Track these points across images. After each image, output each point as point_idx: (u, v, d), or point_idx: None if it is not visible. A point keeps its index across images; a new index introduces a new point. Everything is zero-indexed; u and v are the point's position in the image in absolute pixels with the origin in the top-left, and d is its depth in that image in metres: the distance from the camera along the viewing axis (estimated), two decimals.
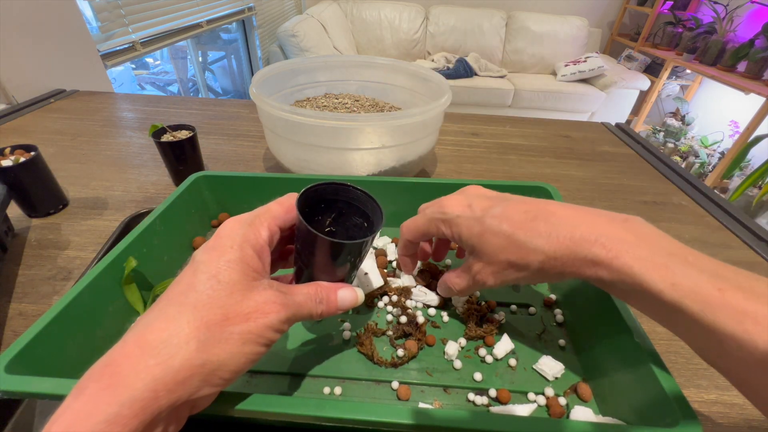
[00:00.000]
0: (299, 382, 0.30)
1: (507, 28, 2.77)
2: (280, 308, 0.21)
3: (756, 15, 2.31)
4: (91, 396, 0.16)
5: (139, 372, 0.17)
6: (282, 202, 0.25)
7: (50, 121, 0.77)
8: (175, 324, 0.18)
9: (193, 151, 0.56)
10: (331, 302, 0.24)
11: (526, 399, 0.29)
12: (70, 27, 0.98)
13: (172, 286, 0.20)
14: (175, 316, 0.19)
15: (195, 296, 0.19)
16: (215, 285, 0.19)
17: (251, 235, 0.22)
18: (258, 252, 0.22)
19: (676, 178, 0.68)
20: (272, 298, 0.21)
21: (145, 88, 2.22)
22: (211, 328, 0.18)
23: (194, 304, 0.19)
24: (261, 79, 0.56)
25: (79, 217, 0.50)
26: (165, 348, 0.17)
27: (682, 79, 2.79)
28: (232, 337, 0.19)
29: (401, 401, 0.29)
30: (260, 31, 2.30)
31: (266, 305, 0.20)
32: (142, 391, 0.16)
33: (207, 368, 0.18)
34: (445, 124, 0.55)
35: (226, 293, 0.19)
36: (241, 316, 0.19)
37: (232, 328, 0.19)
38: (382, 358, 0.31)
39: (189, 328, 0.18)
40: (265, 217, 0.23)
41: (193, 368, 0.18)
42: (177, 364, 0.17)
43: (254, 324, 0.20)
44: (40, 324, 0.25)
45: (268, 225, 0.23)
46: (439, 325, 0.35)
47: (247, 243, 0.21)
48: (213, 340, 0.18)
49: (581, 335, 0.33)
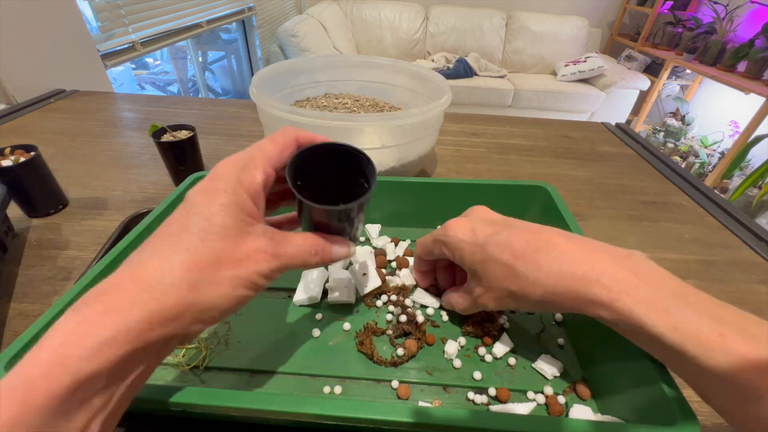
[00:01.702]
0: (299, 382, 0.30)
1: (507, 28, 2.77)
2: (270, 258, 0.21)
3: (756, 15, 2.31)
4: (86, 317, 0.17)
5: (134, 303, 0.17)
6: (276, 140, 0.24)
7: (50, 121, 0.77)
8: (168, 264, 0.18)
9: (193, 151, 0.56)
10: (326, 254, 0.25)
11: (525, 398, 0.29)
12: (70, 27, 0.98)
13: (165, 224, 0.20)
14: (168, 256, 0.19)
15: (188, 237, 0.19)
16: (208, 228, 0.20)
17: (246, 178, 0.21)
18: (252, 196, 0.21)
19: (676, 178, 0.68)
20: (264, 247, 0.21)
21: (145, 88, 2.22)
22: (203, 270, 0.19)
23: (187, 246, 0.19)
24: (261, 79, 0.56)
25: (79, 217, 0.50)
26: (159, 286, 0.18)
27: (682, 79, 2.79)
28: (224, 281, 0.19)
29: (401, 400, 0.29)
30: (260, 31, 2.30)
31: (257, 253, 0.21)
32: (138, 321, 0.17)
33: (198, 307, 0.19)
34: (445, 124, 0.55)
35: (218, 237, 0.20)
36: (232, 261, 0.20)
37: (224, 272, 0.19)
38: (382, 358, 0.31)
39: (181, 268, 0.18)
40: (259, 158, 0.23)
41: (186, 306, 0.18)
42: (170, 302, 0.18)
43: (245, 270, 0.20)
44: (40, 323, 0.25)
45: (263, 167, 0.22)
46: (438, 324, 0.35)
47: (241, 186, 0.21)
48: (205, 281, 0.19)
49: (580, 334, 0.33)
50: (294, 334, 0.33)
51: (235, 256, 0.20)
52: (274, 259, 0.21)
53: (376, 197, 0.43)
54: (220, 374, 0.30)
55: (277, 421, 0.27)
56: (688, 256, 0.51)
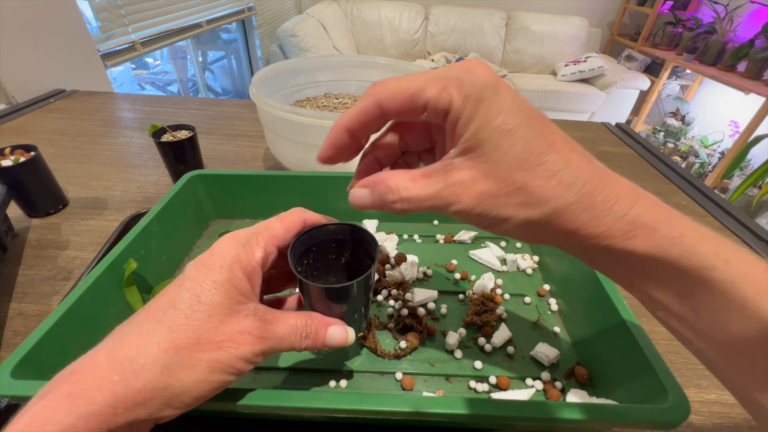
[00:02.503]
0: (305, 377, 0.30)
1: (507, 28, 2.77)
2: (255, 340, 0.20)
3: (756, 15, 2.31)
4: (51, 401, 0.16)
5: (101, 387, 0.17)
6: (283, 219, 0.23)
7: (50, 121, 0.77)
8: (146, 342, 0.18)
9: (193, 151, 0.56)
10: (318, 338, 0.23)
11: (524, 384, 0.30)
12: (70, 27, 0.98)
13: (158, 296, 0.20)
14: (148, 334, 0.18)
15: (173, 314, 0.19)
16: (195, 305, 0.19)
17: (243, 255, 0.21)
18: (248, 274, 0.21)
19: (676, 178, 0.68)
20: (249, 329, 0.20)
21: (145, 88, 2.22)
22: (179, 352, 0.18)
23: (170, 324, 0.19)
24: (261, 79, 0.56)
25: (78, 217, 0.50)
26: (131, 366, 0.17)
27: (682, 79, 2.79)
28: (200, 364, 0.18)
29: (406, 391, 0.30)
30: (260, 31, 2.30)
31: (241, 335, 0.20)
32: (102, 406, 0.16)
33: (169, 392, 0.18)
34: None
35: (204, 316, 0.19)
36: (212, 343, 0.19)
37: (201, 354, 0.19)
38: (385, 351, 0.32)
39: (158, 348, 0.18)
40: (263, 236, 0.22)
41: (155, 390, 0.17)
42: (139, 385, 0.17)
43: (224, 353, 0.19)
44: (43, 328, 0.25)
45: (264, 245, 0.22)
46: (438, 317, 0.35)
47: (237, 264, 0.21)
48: (179, 364, 0.18)
49: (575, 322, 0.34)
50: None
51: (217, 338, 0.19)
52: (258, 342, 0.20)
53: None
54: None
55: (283, 416, 0.28)
56: None
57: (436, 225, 0.46)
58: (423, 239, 0.45)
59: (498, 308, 0.35)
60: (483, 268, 0.41)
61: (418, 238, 0.44)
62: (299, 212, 0.24)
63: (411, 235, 0.45)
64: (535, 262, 0.41)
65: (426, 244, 0.44)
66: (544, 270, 0.40)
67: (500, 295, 0.37)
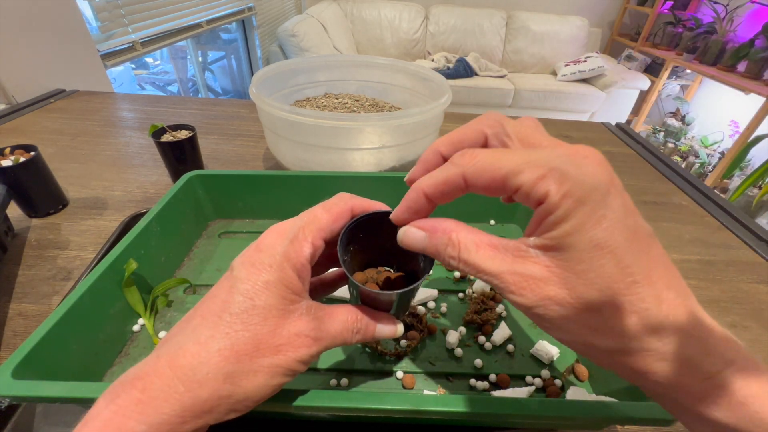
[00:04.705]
0: (306, 376, 0.31)
1: (507, 27, 2.77)
2: (311, 342, 0.20)
3: (756, 15, 2.31)
4: (121, 407, 0.17)
5: (168, 397, 0.17)
6: (330, 209, 0.22)
7: (50, 121, 0.77)
8: (206, 351, 0.18)
9: (193, 151, 0.56)
10: (368, 332, 0.23)
11: (524, 382, 0.31)
12: (70, 27, 0.98)
13: (208, 298, 0.20)
14: (207, 342, 0.18)
15: (229, 319, 0.19)
16: (250, 309, 0.19)
17: (292, 252, 0.20)
18: (298, 271, 0.20)
19: (676, 178, 0.68)
20: (305, 331, 0.20)
21: (145, 88, 2.22)
22: (240, 359, 0.18)
23: (227, 330, 0.19)
24: (261, 79, 0.56)
25: (78, 217, 0.50)
26: (194, 375, 0.18)
27: (682, 79, 2.79)
28: (262, 370, 0.19)
29: (407, 390, 0.30)
30: (260, 31, 2.30)
31: (298, 338, 0.20)
32: (170, 416, 0.17)
33: (233, 398, 0.18)
34: (445, 124, 0.55)
35: (260, 319, 0.19)
36: (272, 348, 0.19)
37: (261, 360, 0.19)
38: (385, 350, 0.32)
39: (219, 357, 0.18)
40: (310, 229, 0.21)
41: (221, 399, 0.18)
42: (205, 395, 0.17)
43: (284, 357, 0.19)
44: (43, 328, 0.25)
45: (312, 239, 0.21)
46: (438, 315, 0.36)
47: (287, 262, 0.20)
48: (241, 372, 0.18)
49: None
50: None
51: (275, 342, 0.19)
52: (314, 343, 0.20)
53: (373, 193, 0.43)
54: None
55: (284, 415, 0.28)
56: (689, 256, 0.51)
57: None
58: None
59: (498, 306, 0.35)
60: None
61: None
62: (346, 198, 0.23)
63: None
64: None
65: None
66: None
67: (500, 294, 0.37)
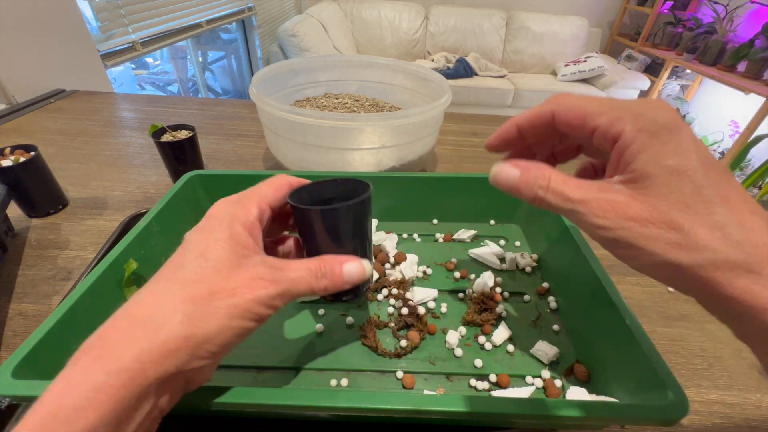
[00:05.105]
0: (306, 376, 0.31)
1: (507, 28, 2.77)
2: (268, 284, 0.20)
3: (756, 15, 2.31)
4: (82, 366, 0.17)
5: (126, 344, 0.17)
6: (270, 182, 0.25)
7: (50, 121, 0.77)
8: (162, 299, 0.19)
9: (193, 151, 0.56)
10: (335, 275, 0.23)
11: (524, 382, 0.30)
12: (70, 27, 0.98)
13: (164, 266, 0.21)
14: (162, 291, 0.19)
15: (183, 273, 0.20)
16: (203, 263, 0.20)
17: (240, 212, 0.22)
18: (248, 228, 0.22)
19: None
20: (261, 274, 0.21)
21: (145, 88, 2.22)
22: (197, 303, 0.19)
23: (181, 280, 0.19)
24: (261, 79, 0.56)
25: (78, 217, 0.50)
26: (151, 321, 0.18)
27: (682, 79, 2.79)
28: (218, 311, 0.19)
29: (406, 390, 0.30)
30: (260, 31, 2.30)
31: (253, 281, 0.20)
32: (129, 362, 0.17)
33: (193, 341, 0.18)
34: (445, 124, 0.55)
35: (213, 270, 0.20)
36: (226, 291, 0.19)
37: (218, 302, 0.19)
38: (385, 350, 0.32)
39: (175, 302, 0.19)
40: (254, 195, 0.23)
41: (179, 341, 0.18)
42: (162, 337, 0.18)
43: (240, 299, 0.20)
44: (43, 328, 0.25)
45: (257, 203, 0.23)
46: (438, 315, 0.36)
47: (236, 220, 0.21)
48: (199, 313, 0.19)
49: (574, 320, 0.34)
50: (298, 329, 0.34)
51: (229, 286, 0.20)
52: (272, 285, 0.20)
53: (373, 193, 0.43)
54: (226, 372, 0.31)
55: (284, 415, 0.28)
56: None
57: (436, 224, 0.47)
58: (422, 238, 0.45)
59: (498, 306, 0.35)
60: (482, 267, 0.41)
61: (418, 237, 0.44)
62: (282, 176, 0.25)
63: (410, 234, 0.45)
64: (535, 261, 0.41)
65: (425, 243, 0.44)
66: (543, 268, 0.40)
67: (500, 294, 0.37)
